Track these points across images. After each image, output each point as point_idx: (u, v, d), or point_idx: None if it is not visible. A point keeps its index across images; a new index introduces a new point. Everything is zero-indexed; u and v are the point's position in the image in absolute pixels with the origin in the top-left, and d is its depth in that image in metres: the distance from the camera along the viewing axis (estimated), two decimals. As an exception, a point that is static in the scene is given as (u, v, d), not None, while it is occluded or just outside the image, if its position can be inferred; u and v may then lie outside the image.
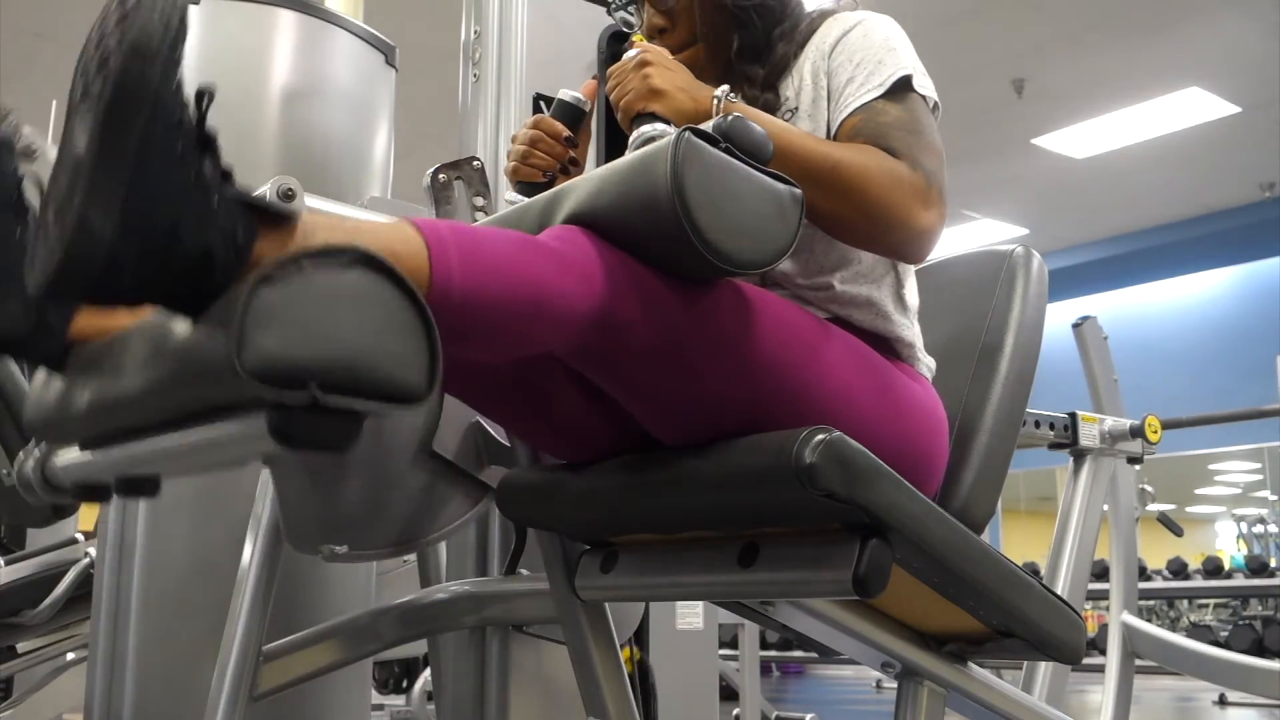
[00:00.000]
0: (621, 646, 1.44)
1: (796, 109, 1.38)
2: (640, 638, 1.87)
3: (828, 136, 1.35)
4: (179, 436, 0.95)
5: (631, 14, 1.43)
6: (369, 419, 0.87)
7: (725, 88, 1.24)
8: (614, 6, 1.43)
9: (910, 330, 1.36)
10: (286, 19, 2.09)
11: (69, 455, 1.20)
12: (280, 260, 0.82)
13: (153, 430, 0.98)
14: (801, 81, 1.39)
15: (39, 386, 1.12)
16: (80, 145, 0.82)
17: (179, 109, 0.83)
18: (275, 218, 0.89)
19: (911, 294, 1.39)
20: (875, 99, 1.30)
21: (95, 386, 1.01)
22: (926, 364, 1.38)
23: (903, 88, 1.31)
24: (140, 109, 0.80)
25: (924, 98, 1.33)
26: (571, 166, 1.46)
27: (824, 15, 1.42)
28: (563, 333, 1.01)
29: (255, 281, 0.80)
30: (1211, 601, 10.08)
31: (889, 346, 1.33)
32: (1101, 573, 4.82)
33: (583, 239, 1.04)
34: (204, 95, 0.85)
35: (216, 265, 0.84)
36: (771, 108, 1.38)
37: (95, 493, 1.21)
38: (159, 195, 0.81)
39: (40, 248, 0.83)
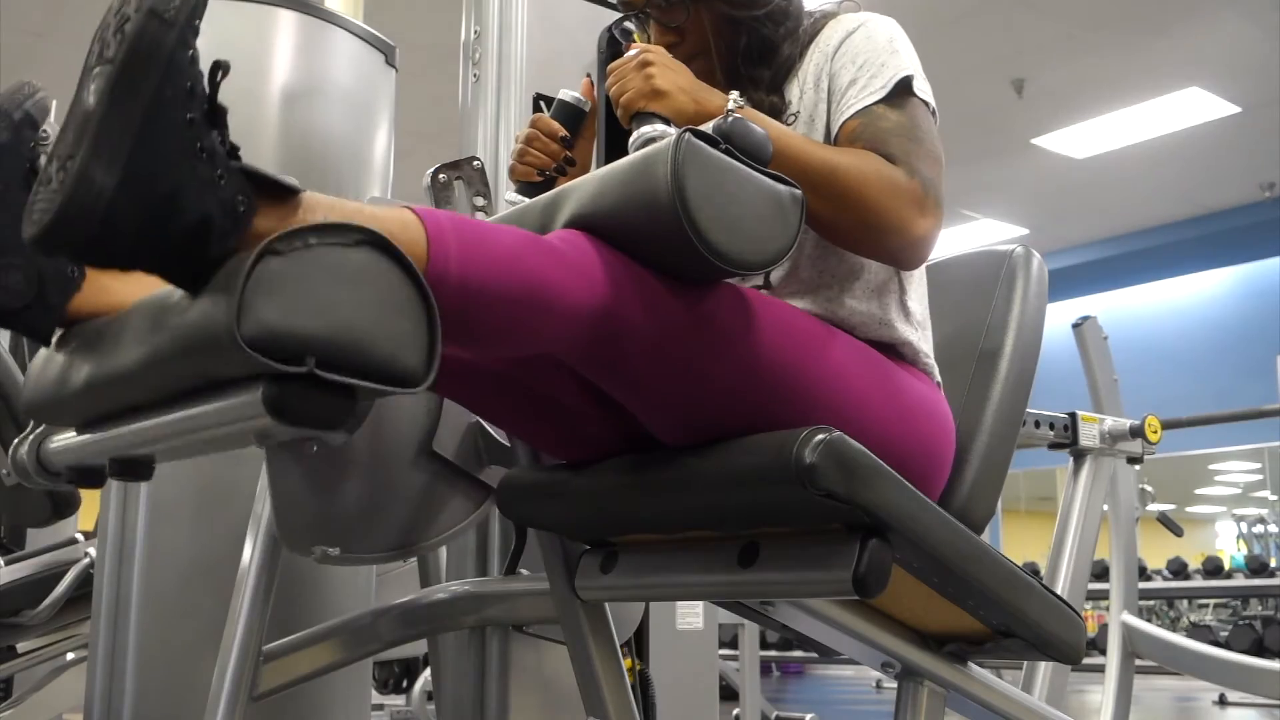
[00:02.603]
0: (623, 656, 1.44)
1: (798, 114, 1.38)
2: (640, 638, 1.87)
3: (827, 139, 1.35)
4: (175, 414, 0.95)
5: (633, 29, 1.42)
6: (368, 416, 0.87)
7: (735, 94, 1.23)
8: (617, 24, 1.42)
9: (915, 334, 1.35)
10: (286, 19, 2.09)
11: (64, 439, 1.20)
12: (285, 234, 0.82)
13: (149, 408, 0.98)
14: (804, 85, 1.39)
15: (38, 365, 1.13)
16: (90, 101, 0.82)
17: (192, 77, 0.84)
18: (277, 193, 0.89)
19: (917, 302, 1.38)
20: (876, 103, 1.30)
21: (93, 363, 1.01)
22: (933, 368, 1.37)
23: (903, 91, 1.31)
24: (153, 70, 0.81)
25: (924, 102, 1.33)
26: (569, 166, 1.46)
27: (826, 17, 1.42)
28: (562, 329, 1.01)
29: (259, 252, 0.81)
30: (1211, 601, 10.08)
31: (893, 350, 1.33)
32: (1101, 573, 4.82)
33: (584, 241, 1.04)
34: (218, 69, 0.86)
35: (214, 234, 0.84)
36: (777, 111, 1.38)
37: (90, 476, 1.21)
38: (163, 157, 0.82)
39: (40, 198, 0.83)
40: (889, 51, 1.33)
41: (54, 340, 1.12)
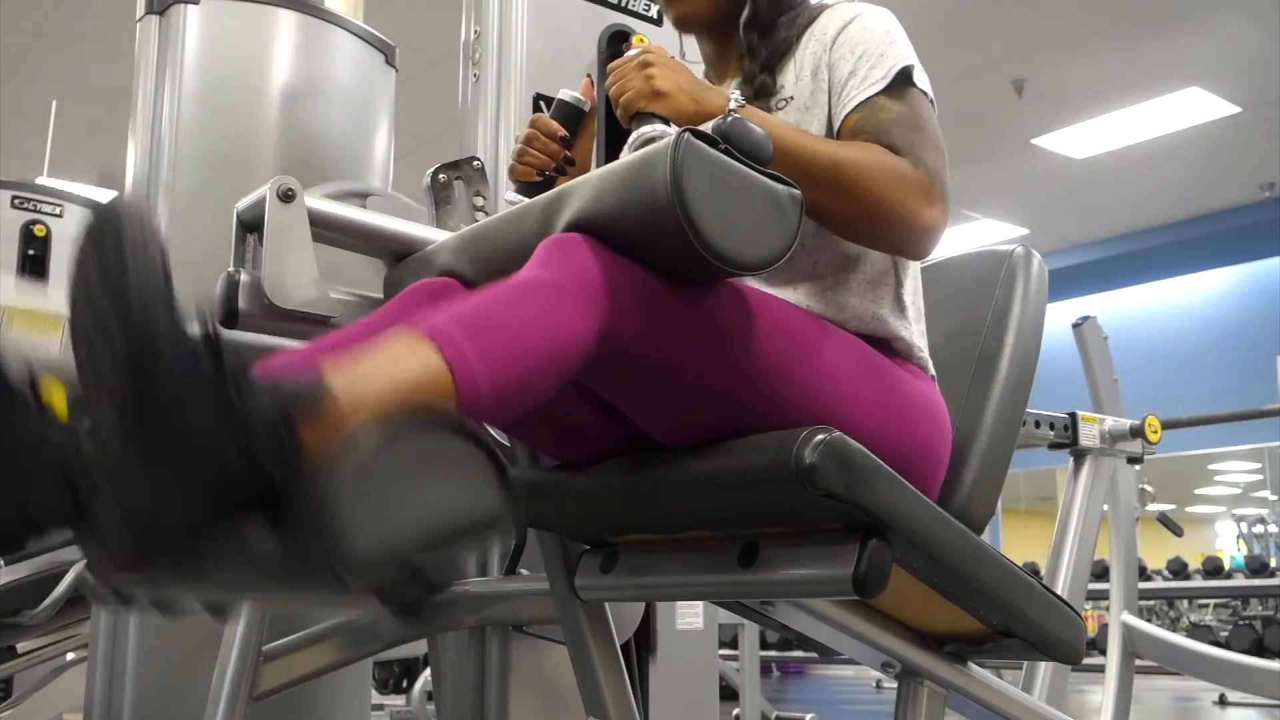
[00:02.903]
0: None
1: (792, 98, 1.37)
2: (645, 637, 1.87)
3: (829, 131, 1.35)
4: (277, 598, 0.97)
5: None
6: None
7: (736, 93, 1.24)
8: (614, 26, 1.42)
9: (909, 329, 1.35)
10: (286, 19, 2.09)
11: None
12: (341, 474, 0.81)
13: (246, 596, 0.99)
14: (800, 72, 1.38)
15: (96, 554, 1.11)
16: (115, 439, 0.80)
17: (193, 357, 0.81)
18: (307, 404, 0.87)
19: (911, 295, 1.38)
20: (877, 94, 1.30)
21: (179, 573, 1.01)
22: (927, 362, 1.37)
23: (903, 81, 1.32)
24: (159, 385, 0.78)
25: (924, 92, 1.33)
26: (568, 166, 1.46)
27: (822, 7, 1.43)
28: (577, 364, 1.02)
29: (327, 493, 0.80)
30: (1211, 601, 10.08)
31: (888, 345, 1.33)
32: (1101, 573, 4.82)
33: (582, 251, 1.04)
34: (206, 318, 0.83)
35: (275, 478, 0.84)
36: (767, 90, 1.38)
37: (169, 609, 1.22)
38: (204, 453, 0.80)
39: (106, 535, 0.82)
40: (887, 42, 1.34)
41: None
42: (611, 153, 1.39)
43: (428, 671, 3.81)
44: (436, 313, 0.97)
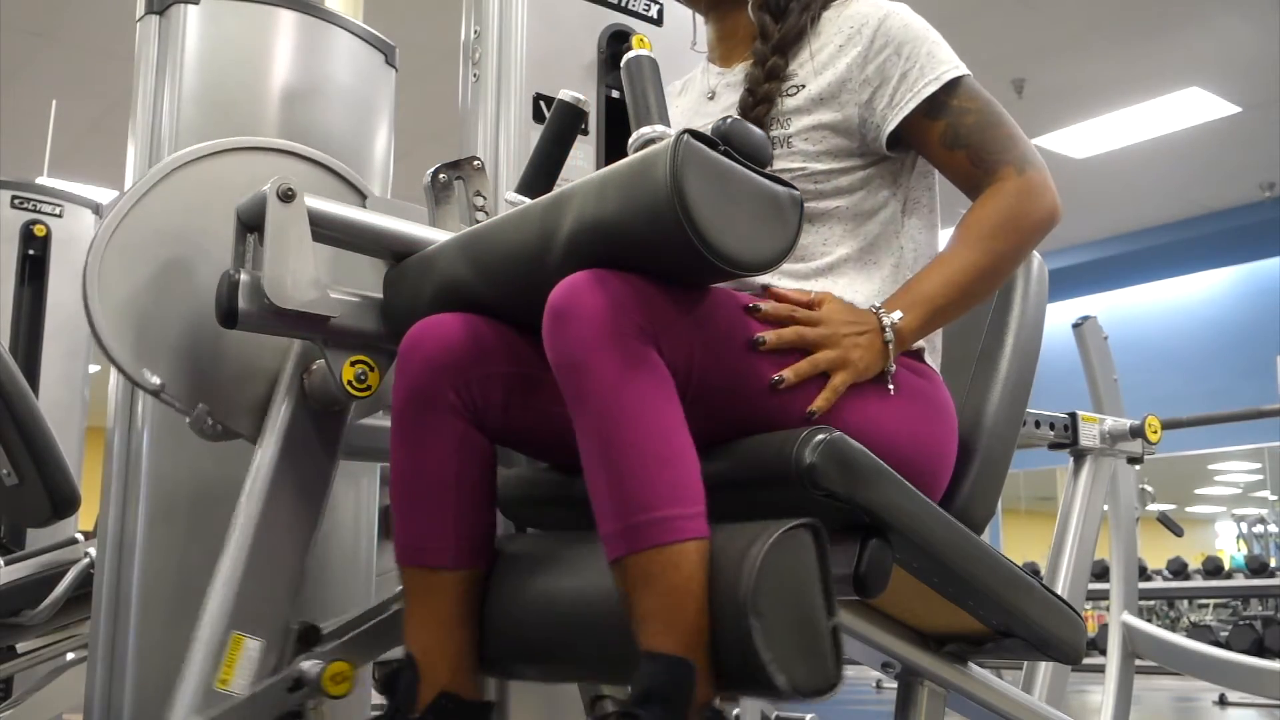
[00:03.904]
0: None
1: (803, 87, 1.36)
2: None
3: (863, 126, 1.34)
4: None
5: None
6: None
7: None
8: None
9: None
10: (286, 19, 2.09)
11: None
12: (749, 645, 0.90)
13: None
14: (817, 63, 1.36)
15: None
16: None
17: None
18: (689, 691, 0.93)
19: None
20: (944, 94, 1.32)
21: None
22: (936, 350, 1.37)
23: (958, 81, 1.34)
24: None
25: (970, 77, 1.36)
26: None
27: None
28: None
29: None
30: (1211, 601, 10.07)
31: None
32: (1101, 573, 4.82)
33: (586, 296, 1.04)
34: None
35: None
36: (778, 72, 1.37)
37: None
38: None
39: None
40: (931, 40, 1.36)
41: None
42: (612, 153, 1.39)
43: (428, 671, 3.80)
44: (607, 521, 1.02)
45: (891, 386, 1.19)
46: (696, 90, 1.52)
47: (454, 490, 1.21)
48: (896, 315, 1.22)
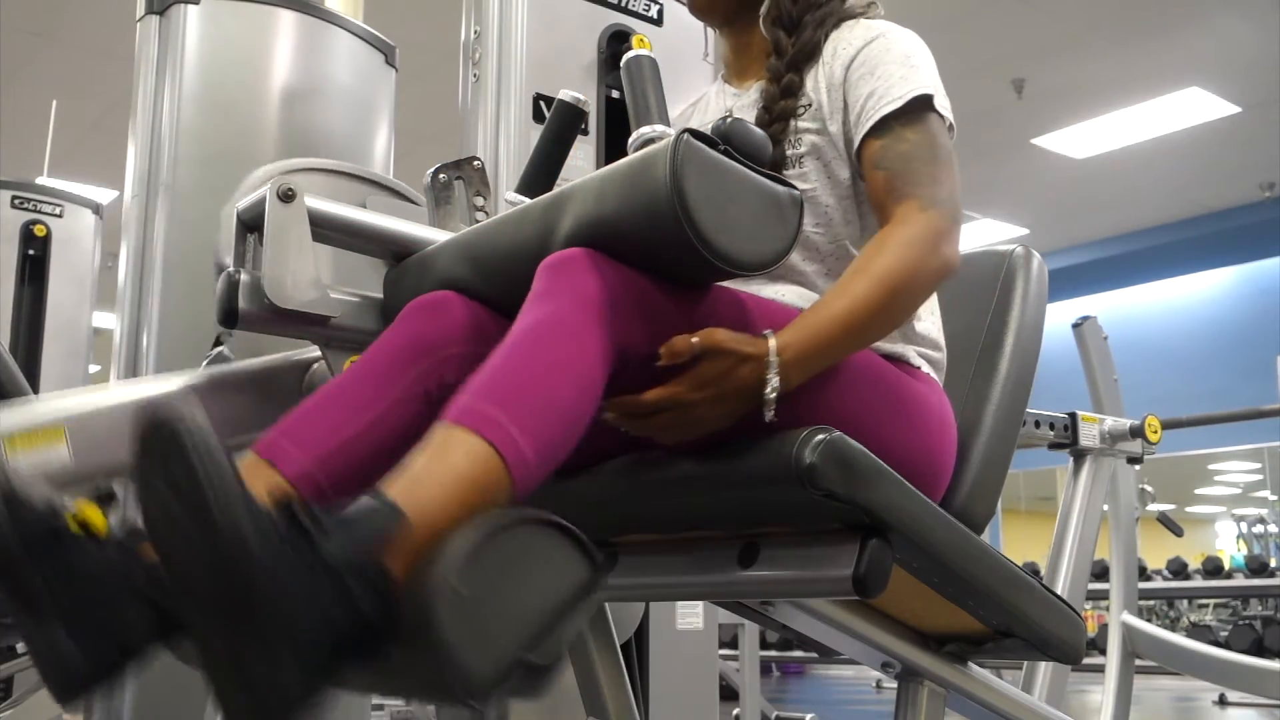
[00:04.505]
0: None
1: (811, 105, 1.36)
2: (640, 638, 1.87)
3: (847, 148, 1.34)
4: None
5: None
6: None
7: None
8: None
9: (913, 334, 1.35)
10: (286, 19, 2.09)
11: None
12: (434, 602, 0.82)
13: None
14: (822, 80, 1.37)
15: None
16: (221, 637, 0.81)
17: (278, 543, 0.81)
18: (383, 535, 0.87)
19: (927, 313, 1.38)
20: (895, 117, 1.29)
21: None
22: (934, 362, 1.37)
23: (922, 106, 1.30)
24: (254, 576, 0.79)
25: (942, 117, 1.32)
26: None
27: (847, 14, 1.41)
28: (600, 390, 1.03)
29: (430, 626, 0.81)
30: (1211, 601, 10.07)
31: (893, 349, 1.32)
32: (1101, 573, 4.82)
33: (581, 270, 1.04)
34: (292, 504, 0.84)
35: (376, 617, 0.84)
36: (793, 89, 1.37)
37: None
38: (307, 624, 0.81)
39: (231, 701, 0.82)
40: (908, 65, 1.32)
41: None
42: (611, 153, 1.39)
43: (428, 671, 3.81)
44: (462, 394, 0.98)
45: (769, 415, 1.11)
46: (713, 111, 1.52)
47: (379, 443, 1.16)
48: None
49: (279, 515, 0.82)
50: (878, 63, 1.33)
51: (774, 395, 1.08)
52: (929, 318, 1.38)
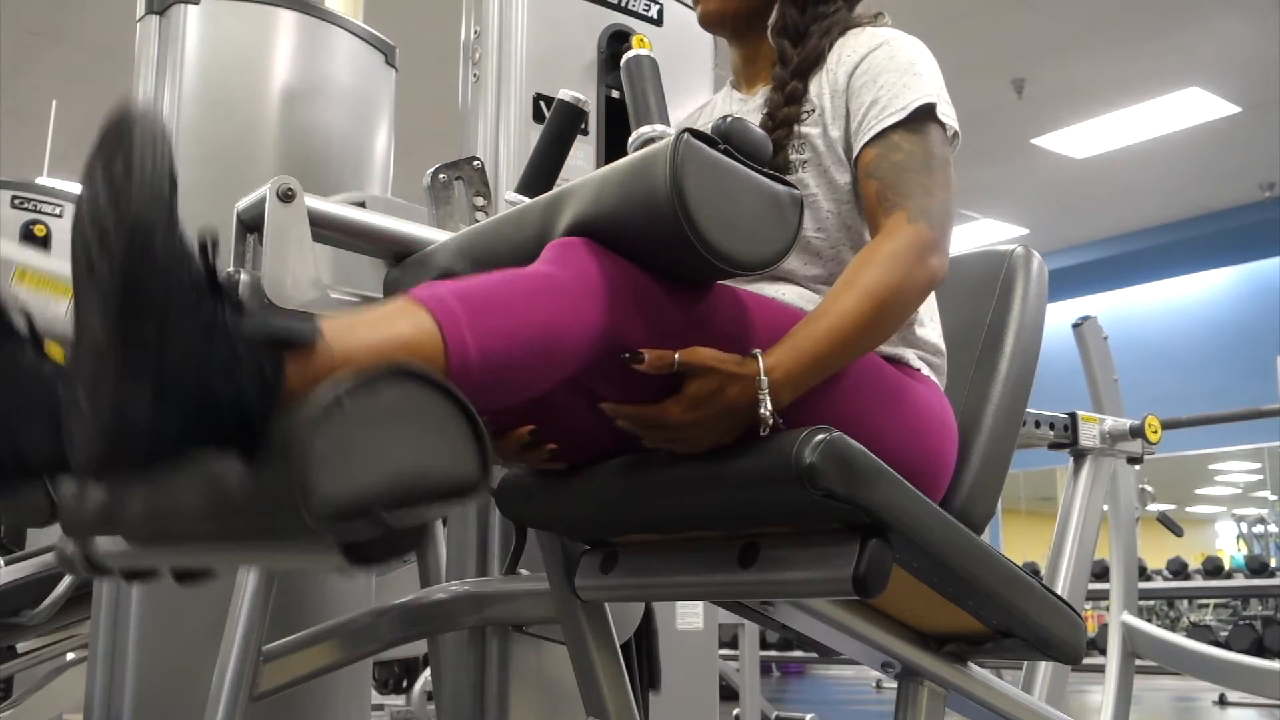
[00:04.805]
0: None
1: (815, 110, 1.37)
2: (642, 637, 1.86)
3: (848, 158, 1.34)
4: (244, 553, 0.96)
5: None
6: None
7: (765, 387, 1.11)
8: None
9: (913, 336, 1.35)
10: (286, 19, 2.09)
11: (116, 545, 1.18)
12: (320, 408, 0.81)
13: (212, 544, 0.99)
14: (826, 86, 1.37)
15: (71, 498, 1.10)
16: (98, 331, 0.80)
17: (186, 261, 0.81)
18: (297, 344, 0.88)
19: (928, 318, 1.38)
20: (894, 127, 1.29)
21: (149, 501, 1.00)
22: (935, 367, 1.37)
23: (924, 116, 1.30)
24: (151, 281, 0.78)
25: (944, 126, 1.32)
26: None
27: (853, 23, 1.41)
28: (575, 359, 1.02)
29: (301, 431, 0.80)
30: (1211, 601, 10.07)
31: (893, 351, 1.33)
32: (1101, 573, 4.82)
33: (583, 253, 1.04)
34: (206, 243, 0.83)
35: (253, 408, 0.83)
36: (797, 96, 1.37)
37: (144, 576, 1.21)
38: (185, 362, 0.80)
39: (77, 432, 0.82)
40: (911, 74, 1.32)
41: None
42: (611, 153, 1.39)
43: (428, 671, 3.81)
44: (437, 285, 0.98)
45: (764, 431, 1.09)
46: (719, 114, 1.53)
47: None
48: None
49: (201, 257, 0.82)
50: (881, 70, 1.33)
51: (768, 414, 1.07)
52: (930, 323, 1.38)
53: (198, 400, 0.81)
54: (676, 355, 1.06)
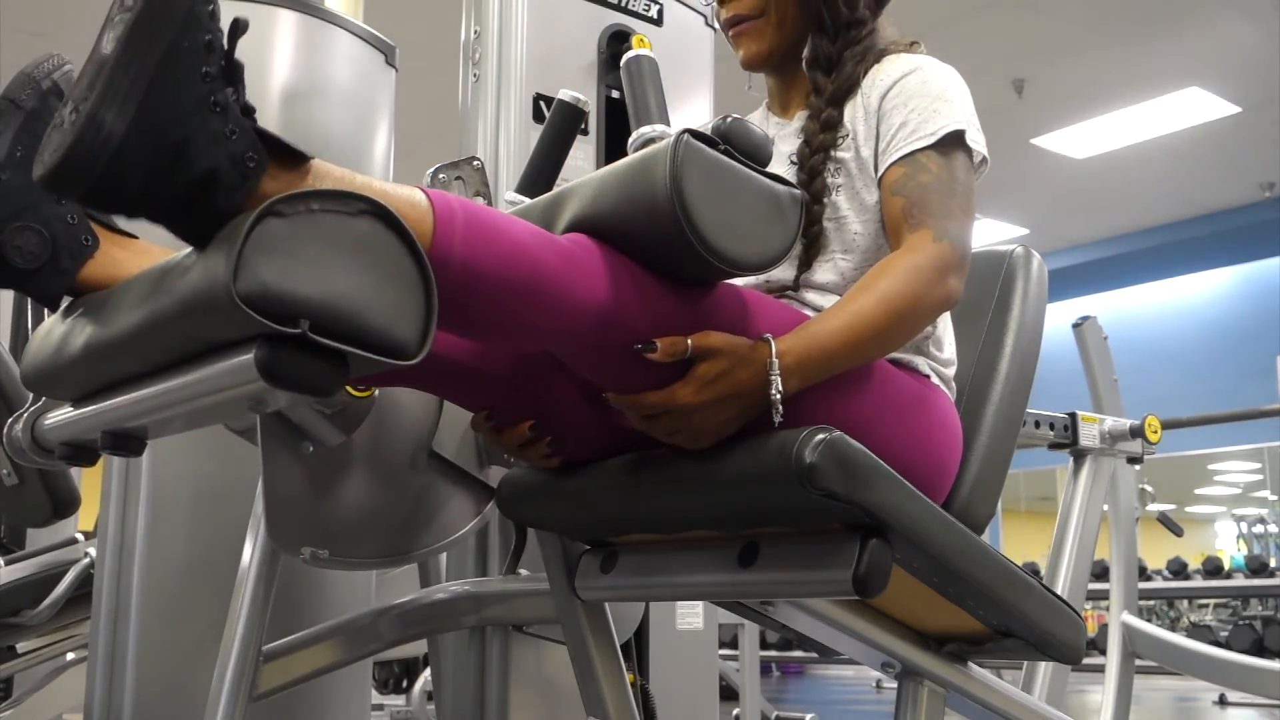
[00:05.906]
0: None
1: (849, 135, 1.37)
2: (640, 638, 1.87)
3: (876, 176, 1.35)
4: (169, 382, 0.96)
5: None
6: (368, 416, 0.88)
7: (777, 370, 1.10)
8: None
9: (926, 348, 1.35)
10: (286, 19, 2.08)
11: (58, 415, 1.21)
12: (289, 196, 0.82)
13: (144, 377, 1.00)
14: (860, 110, 1.38)
15: (39, 336, 1.14)
16: (107, 49, 0.83)
17: (210, 31, 0.84)
18: (288, 156, 0.89)
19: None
20: (923, 150, 1.30)
21: (93, 329, 1.02)
22: (944, 378, 1.37)
23: (952, 142, 1.31)
24: (171, 21, 0.82)
25: (972, 153, 1.33)
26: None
27: (889, 50, 1.42)
28: (562, 324, 1.02)
29: (261, 212, 0.81)
30: (1211, 601, 10.07)
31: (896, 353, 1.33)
32: (1101, 573, 4.82)
33: (589, 243, 1.05)
34: (237, 26, 0.86)
35: (221, 188, 0.84)
36: (833, 124, 1.38)
37: (84, 453, 1.22)
38: (175, 107, 0.82)
39: (51, 140, 0.84)
40: (943, 99, 1.33)
41: (60, 309, 1.13)
42: (612, 153, 1.39)
43: (428, 671, 3.81)
44: (449, 194, 0.99)
45: (778, 418, 1.09)
46: None
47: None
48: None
49: (230, 36, 0.86)
50: (912, 95, 1.34)
51: (779, 396, 1.07)
52: (944, 338, 1.38)
53: (170, 150, 0.82)
54: (689, 340, 1.06)
